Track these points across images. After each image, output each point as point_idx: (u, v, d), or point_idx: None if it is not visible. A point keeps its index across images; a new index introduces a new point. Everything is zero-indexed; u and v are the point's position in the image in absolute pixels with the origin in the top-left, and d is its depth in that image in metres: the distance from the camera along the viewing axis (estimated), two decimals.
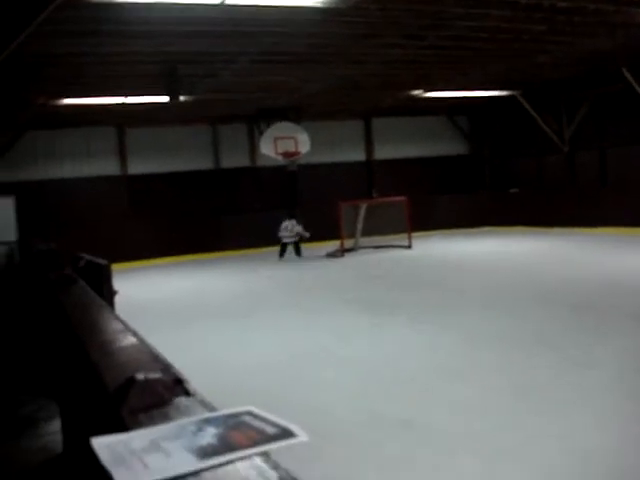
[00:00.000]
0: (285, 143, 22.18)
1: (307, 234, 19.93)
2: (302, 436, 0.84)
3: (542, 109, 24.67)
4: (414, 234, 21.14)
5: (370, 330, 9.52)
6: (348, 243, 20.45)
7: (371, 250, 20.48)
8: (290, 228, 19.91)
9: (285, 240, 19.98)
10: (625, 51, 17.62)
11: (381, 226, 20.53)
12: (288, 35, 13.00)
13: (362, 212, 20.79)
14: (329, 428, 5.55)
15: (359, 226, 20.81)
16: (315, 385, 6.94)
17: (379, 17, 12.28)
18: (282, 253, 19.96)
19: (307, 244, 21.74)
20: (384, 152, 27.19)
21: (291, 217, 20.20)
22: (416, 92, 21.44)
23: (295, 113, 23.11)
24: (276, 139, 22.15)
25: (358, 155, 27.13)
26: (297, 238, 20.04)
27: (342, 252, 19.87)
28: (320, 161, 25.45)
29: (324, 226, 21.54)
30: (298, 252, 20.10)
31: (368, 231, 20.84)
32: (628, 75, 20.31)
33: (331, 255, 19.92)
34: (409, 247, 20.49)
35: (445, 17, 12.80)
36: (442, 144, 28.25)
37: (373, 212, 20.83)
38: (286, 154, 22.35)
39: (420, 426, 5.52)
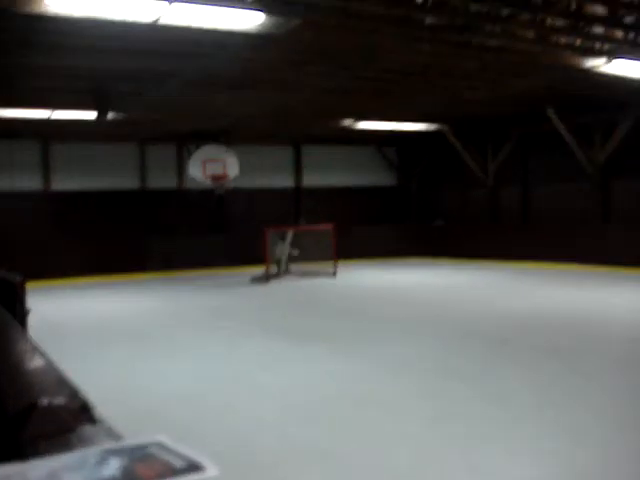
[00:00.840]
0: (214, 166, 22.04)
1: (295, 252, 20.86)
2: (212, 470, 0.78)
3: (468, 144, 25.23)
4: (340, 263, 21.22)
5: (291, 358, 9.45)
6: (273, 269, 20.40)
7: (296, 277, 20.47)
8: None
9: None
10: (551, 92, 18.16)
11: (307, 253, 20.55)
12: (222, 58, 12.95)
13: (288, 239, 20.78)
14: (246, 458, 5.46)
15: (285, 252, 20.79)
16: (233, 413, 6.84)
17: (314, 46, 12.36)
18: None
19: (232, 269, 21.62)
20: (313, 180, 27.31)
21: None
22: (347, 122, 21.65)
23: (225, 136, 23.04)
24: (205, 162, 22.01)
25: (287, 181, 27.17)
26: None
27: (267, 278, 19.78)
28: (249, 186, 25.37)
29: (250, 251, 21.48)
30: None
31: (294, 258, 20.85)
32: (553, 115, 20.95)
33: (256, 280, 19.82)
34: (334, 275, 20.54)
35: (379, 50, 12.98)
36: (371, 175, 28.55)
37: (300, 239, 20.87)
38: (214, 177, 22.21)
39: (339, 456, 5.47)
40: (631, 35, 13.24)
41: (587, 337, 10.41)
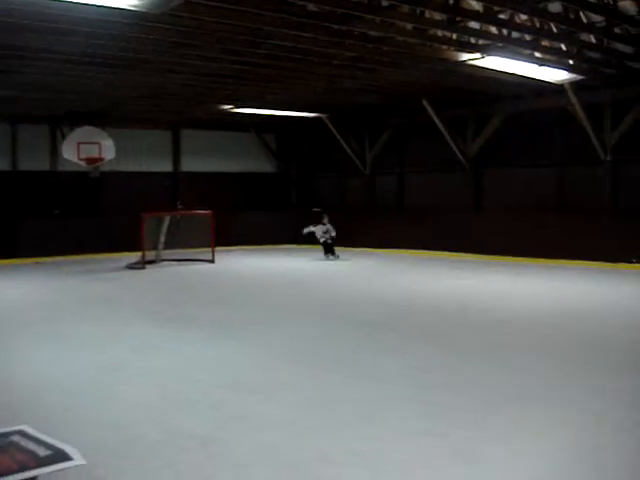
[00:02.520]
0: (88, 148, 21.39)
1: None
2: (78, 459, 0.74)
3: (347, 133, 25.54)
4: (218, 249, 21.06)
5: (169, 344, 9.31)
6: (150, 255, 20.02)
7: (174, 263, 20.17)
8: (330, 229, 21.35)
9: (329, 241, 21.28)
10: (428, 83, 18.58)
11: (185, 239, 20.26)
12: (99, 37, 12.56)
13: (166, 224, 20.41)
14: (122, 446, 5.34)
15: (162, 238, 20.42)
16: (108, 402, 6.67)
17: (194, 28, 12.15)
18: (331, 251, 21.29)
19: (108, 254, 21.12)
20: (192, 165, 26.93)
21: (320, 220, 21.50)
22: (227, 107, 21.45)
23: (101, 118, 22.37)
24: (79, 144, 21.33)
25: (165, 166, 26.68)
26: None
27: (143, 264, 19.39)
28: (125, 169, 24.77)
29: (126, 237, 20.99)
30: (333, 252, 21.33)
31: (172, 244, 20.50)
32: (428, 106, 21.46)
33: (132, 267, 19.40)
34: (212, 262, 20.36)
35: (260, 35, 12.89)
36: (250, 161, 28.43)
37: (177, 225, 20.54)
38: (89, 160, 21.56)
39: (218, 442, 5.43)
40: (504, 32, 13.71)
41: (458, 322, 10.74)
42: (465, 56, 14.65)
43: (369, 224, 24.88)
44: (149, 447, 5.35)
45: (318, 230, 21.33)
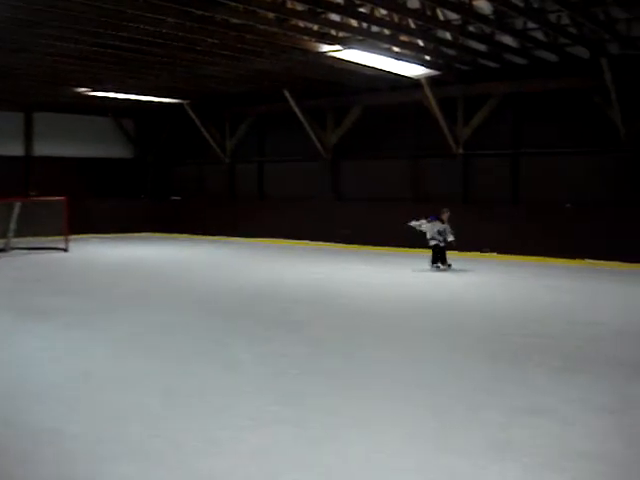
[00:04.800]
0: None
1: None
2: None
3: (208, 120, 25.28)
4: (73, 237, 20.39)
5: (16, 336, 8.95)
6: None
7: (25, 252, 19.33)
8: (447, 230, 15.52)
9: (441, 244, 15.54)
10: (289, 74, 18.67)
11: (38, 227, 19.47)
12: None
13: (16, 211, 19.52)
14: None
15: (12, 226, 19.51)
16: None
17: (50, 6, 11.69)
18: (442, 259, 15.58)
19: None
20: (46, 149, 25.82)
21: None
22: (83, 90, 20.75)
23: None
24: None
25: (16, 150, 25.45)
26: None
27: None
28: None
29: None
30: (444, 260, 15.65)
31: (23, 232, 19.63)
32: (289, 96, 21.57)
33: None
34: (66, 250, 19.69)
35: (122, 18, 12.56)
36: (108, 146, 27.62)
37: (29, 212, 19.67)
38: None
39: (70, 435, 5.27)
40: (364, 25, 13.96)
41: (316, 309, 10.89)
42: (325, 48, 14.84)
43: (229, 213, 24.80)
44: None
45: (430, 229, 15.52)
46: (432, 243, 15.47)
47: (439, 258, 15.44)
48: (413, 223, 15.68)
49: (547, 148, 18.57)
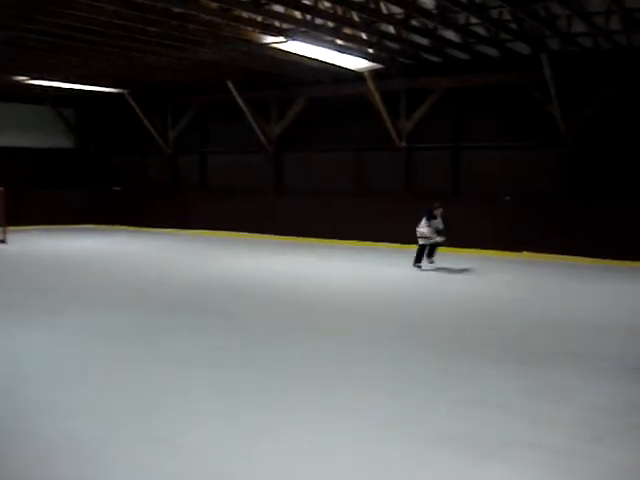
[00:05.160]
0: None
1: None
2: None
3: (150, 110, 24.95)
4: (10, 229, 19.95)
5: None
6: None
7: None
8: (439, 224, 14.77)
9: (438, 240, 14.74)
10: (232, 64, 18.54)
11: None
12: None
13: None
14: None
15: None
16: None
17: None
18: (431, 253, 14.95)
19: None
20: None
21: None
22: (21, 78, 20.28)
23: None
24: None
25: None
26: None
27: None
28: None
29: None
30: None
31: None
32: (232, 87, 21.41)
33: None
34: (4, 242, 19.26)
35: (60, 4, 12.31)
36: (47, 136, 27.01)
37: None
38: None
39: (24, 433, 5.16)
40: (308, 17, 13.94)
41: (260, 303, 10.87)
42: (269, 39, 14.78)
43: (172, 204, 24.54)
44: None
45: (427, 230, 14.51)
46: (421, 242, 14.64)
47: (422, 257, 14.69)
48: (423, 232, 14.44)
49: (488, 142, 18.82)
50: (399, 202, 19.46)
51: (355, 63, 16.58)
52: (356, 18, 14.59)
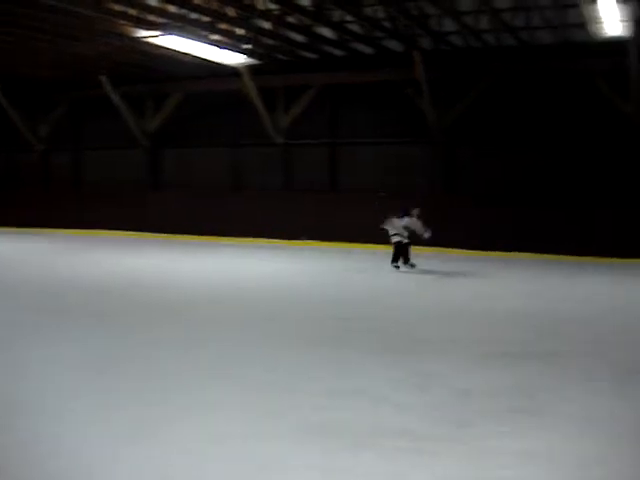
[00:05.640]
0: None
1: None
2: None
3: (18, 105, 23.94)
4: None
5: None
6: None
7: None
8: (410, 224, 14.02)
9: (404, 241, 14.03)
10: (105, 59, 18.12)
11: None
12: None
13: None
14: None
15: None
16: None
17: None
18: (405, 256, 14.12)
19: None
20: None
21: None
22: None
23: None
24: None
25: None
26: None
27: None
28: None
29: None
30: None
31: None
32: (105, 82, 20.87)
33: None
34: None
35: None
36: None
37: None
38: None
39: None
40: (183, 12, 13.81)
41: (139, 302, 10.73)
42: (143, 33, 14.52)
43: (43, 203, 23.64)
44: None
45: (396, 224, 13.99)
46: (395, 240, 14.02)
47: (399, 256, 14.06)
48: (387, 226, 13.99)
49: (363, 138, 19.18)
50: (277, 198, 19.55)
51: (231, 58, 16.51)
52: (232, 13, 14.54)
